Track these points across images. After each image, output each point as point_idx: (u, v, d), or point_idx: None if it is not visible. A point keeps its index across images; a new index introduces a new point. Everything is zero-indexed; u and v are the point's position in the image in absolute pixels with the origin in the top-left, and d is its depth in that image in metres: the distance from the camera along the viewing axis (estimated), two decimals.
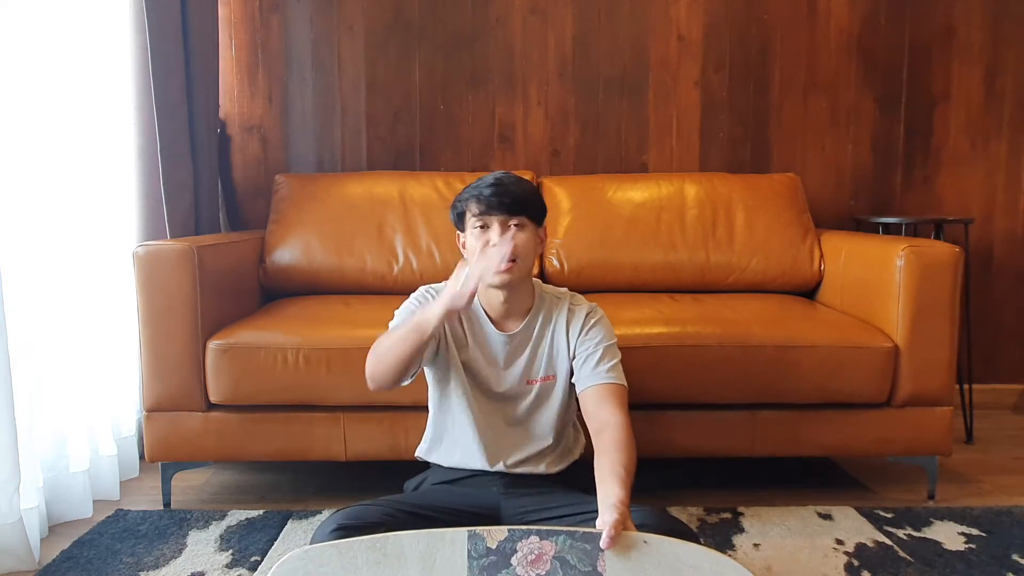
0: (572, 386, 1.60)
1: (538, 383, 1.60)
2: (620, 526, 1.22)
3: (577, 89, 2.91)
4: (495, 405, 1.61)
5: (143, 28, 2.22)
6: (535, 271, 2.51)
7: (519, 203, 1.53)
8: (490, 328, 1.60)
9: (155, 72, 2.24)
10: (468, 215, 1.55)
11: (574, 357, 1.58)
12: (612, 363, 1.56)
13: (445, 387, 1.62)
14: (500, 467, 1.59)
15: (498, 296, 1.57)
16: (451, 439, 1.63)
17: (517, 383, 1.60)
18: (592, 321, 1.60)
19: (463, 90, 2.90)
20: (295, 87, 2.88)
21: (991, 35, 2.92)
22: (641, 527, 1.37)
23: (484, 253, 1.48)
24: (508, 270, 1.50)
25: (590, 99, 2.91)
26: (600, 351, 1.56)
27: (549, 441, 1.61)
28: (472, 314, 1.61)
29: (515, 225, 1.53)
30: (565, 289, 1.69)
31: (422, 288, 1.65)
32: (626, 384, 1.56)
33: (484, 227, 1.53)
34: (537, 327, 1.61)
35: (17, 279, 1.86)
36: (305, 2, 2.85)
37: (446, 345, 1.59)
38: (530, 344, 1.60)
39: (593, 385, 1.54)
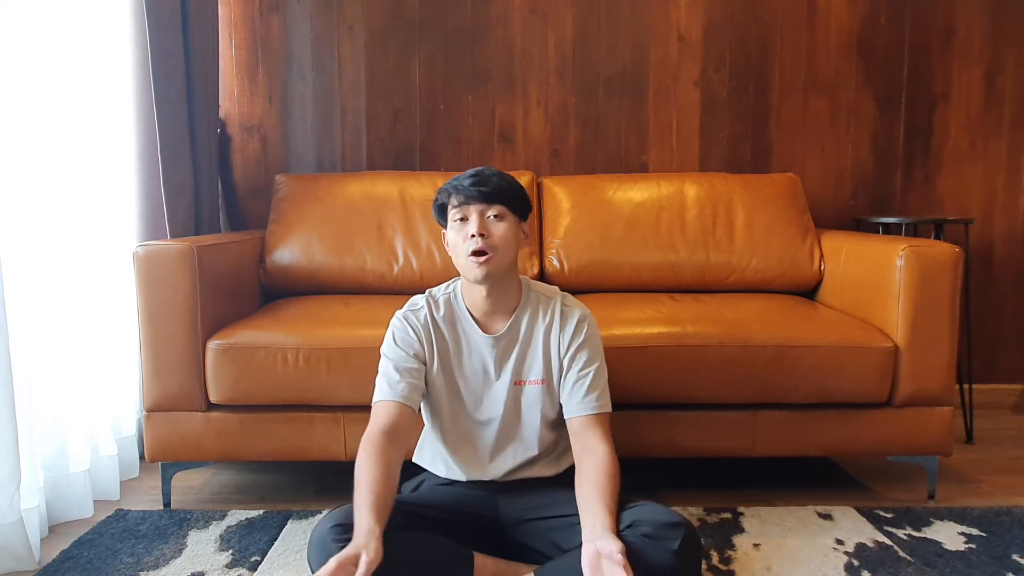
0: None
1: (528, 385, 1.58)
2: (624, 552, 1.24)
3: (577, 89, 2.91)
4: (486, 420, 1.59)
5: (143, 28, 2.22)
6: (535, 271, 2.51)
7: (497, 192, 1.50)
8: (475, 331, 1.58)
9: (155, 72, 2.24)
10: (448, 207, 1.53)
11: (563, 366, 1.57)
12: (600, 390, 1.56)
13: (434, 407, 1.61)
14: (494, 478, 1.59)
15: (480, 292, 1.55)
16: (444, 456, 1.63)
17: (508, 388, 1.58)
18: (583, 334, 1.58)
19: (463, 90, 2.90)
20: (295, 87, 2.88)
21: (991, 35, 2.92)
22: (640, 522, 1.37)
23: None
24: (487, 260, 1.48)
25: (590, 99, 2.91)
26: (590, 377, 1.55)
27: (542, 448, 1.60)
28: (456, 318, 1.59)
29: (493, 216, 1.50)
30: (556, 288, 1.66)
31: (399, 314, 1.61)
32: (610, 408, 1.57)
33: (464, 219, 1.51)
34: (524, 326, 1.59)
35: (18, 279, 1.86)
36: (305, 2, 2.85)
37: (428, 371, 1.58)
38: (518, 344, 1.58)
39: (581, 415, 1.54)
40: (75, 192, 2.11)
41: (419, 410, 1.56)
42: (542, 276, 2.52)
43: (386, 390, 1.53)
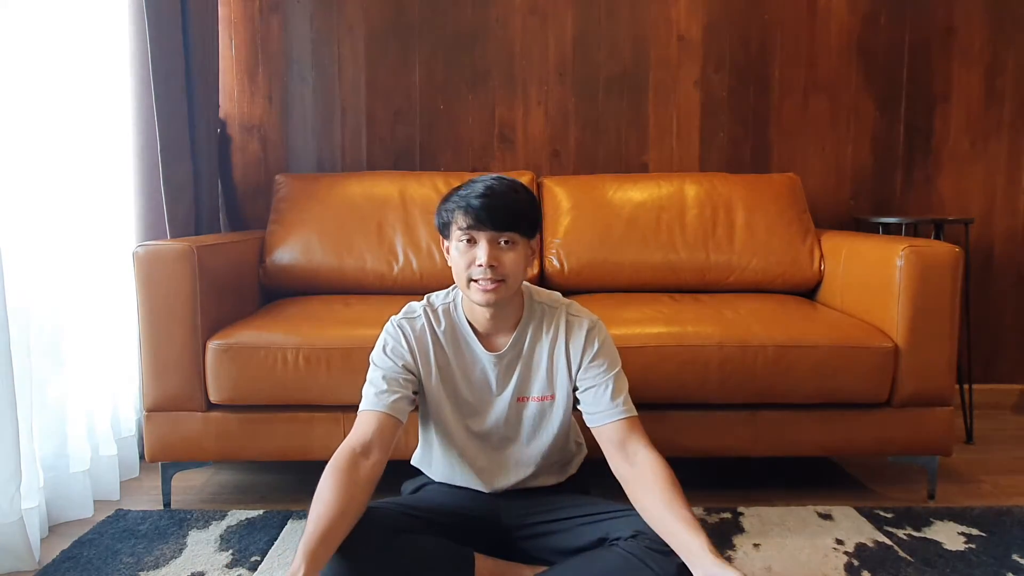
0: (571, 404, 1.54)
1: (531, 401, 1.53)
2: None
3: (577, 89, 2.91)
4: (485, 435, 1.55)
5: (143, 28, 2.22)
6: (534, 272, 2.51)
7: (510, 218, 1.40)
8: (477, 347, 1.51)
9: (155, 72, 2.24)
10: (454, 226, 1.42)
11: (576, 377, 1.51)
12: (624, 395, 1.48)
13: (429, 416, 1.56)
14: (494, 491, 1.57)
15: (484, 312, 1.47)
16: (438, 465, 1.60)
17: (509, 404, 1.53)
18: (596, 343, 1.50)
19: (463, 90, 2.90)
20: (295, 87, 2.88)
21: (991, 35, 2.92)
22: (643, 533, 1.37)
23: None
24: (494, 289, 1.40)
25: (590, 99, 2.91)
26: (612, 383, 1.47)
27: (546, 463, 1.57)
28: (457, 332, 1.52)
29: (504, 242, 1.40)
30: (559, 295, 1.59)
31: (394, 321, 1.53)
32: (636, 413, 1.49)
33: (471, 241, 1.41)
34: (528, 341, 1.52)
35: (18, 279, 1.85)
36: (305, 2, 2.85)
37: (425, 384, 1.51)
38: (522, 360, 1.52)
39: (611, 422, 1.45)
40: (75, 192, 2.11)
41: (405, 420, 1.47)
42: (542, 276, 2.52)
43: (373, 400, 1.44)
